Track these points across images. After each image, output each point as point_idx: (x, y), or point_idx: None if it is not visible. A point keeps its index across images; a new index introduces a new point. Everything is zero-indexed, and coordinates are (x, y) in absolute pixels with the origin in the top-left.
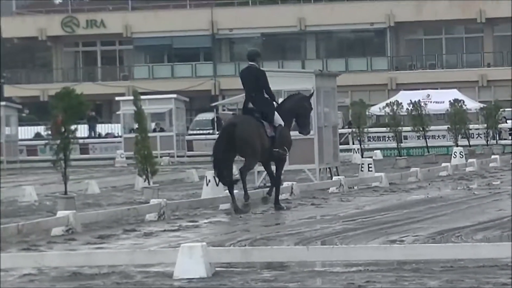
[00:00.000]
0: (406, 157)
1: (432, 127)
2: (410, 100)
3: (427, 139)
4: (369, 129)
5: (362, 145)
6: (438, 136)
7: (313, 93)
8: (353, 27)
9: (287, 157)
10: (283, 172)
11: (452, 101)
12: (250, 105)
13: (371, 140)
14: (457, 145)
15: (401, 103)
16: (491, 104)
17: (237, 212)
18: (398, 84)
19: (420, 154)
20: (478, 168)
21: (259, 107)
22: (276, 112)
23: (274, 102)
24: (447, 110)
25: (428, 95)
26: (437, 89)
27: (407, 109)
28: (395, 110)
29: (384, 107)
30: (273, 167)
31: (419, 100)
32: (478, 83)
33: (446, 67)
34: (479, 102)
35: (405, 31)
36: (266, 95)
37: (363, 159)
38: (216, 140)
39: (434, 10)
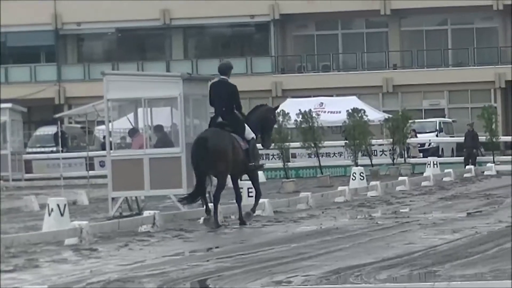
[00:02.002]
0: (294, 179)
1: (326, 143)
2: (300, 110)
3: (320, 158)
4: None
5: None
6: (334, 154)
7: (278, 106)
8: (230, 21)
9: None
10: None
11: (350, 110)
12: (220, 119)
13: None
14: (357, 165)
15: (288, 113)
16: (398, 114)
17: (209, 225)
18: (285, 90)
19: (311, 176)
20: (383, 192)
21: (230, 122)
22: (247, 126)
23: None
24: (345, 121)
25: (322, 104)
26: (332, 96)
27: (296, 120)
28: (281, 122)
29: None
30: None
31: (310, 109)
32: (382, 89)
33: (343, 69)
34: (384, 111)
35: (293, 25)
36: (235, 111)
37: (242, 182)
38: (192, 160)
39: (329, 0)
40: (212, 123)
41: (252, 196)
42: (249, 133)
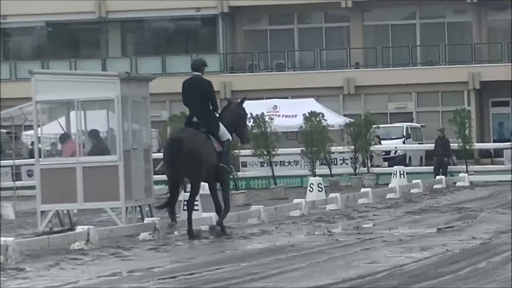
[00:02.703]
0: (244, 191)
1: (280, 150)
2: (251, 113)
3: (273, 167)
4: None
5: None
6: (289, 163)
7: (244, 97)
8: (173, 14)
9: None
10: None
11: (307, 114)
12: (194, 118)
13: None
14: (315, 175)
15: None
16: (360, 118)
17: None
18: (234, 91)
19: (264, 187)
20: (343, 205)
21: (204, 121)
22: (222, 126)
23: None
24: (301, 126)
25: (275, 107)
26: (287, 98)
27: (247, 125)
28: None
29: None
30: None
31: (262, 113)
32: (343, 90)
33: (299, 68)
34: (344, 115)
35: (244, 19)
36: (211, 107)
37: (186, 194)
38: (166, 162)
39: None
40: (187, 123)
41: (197, 210)
42: (225, 134)
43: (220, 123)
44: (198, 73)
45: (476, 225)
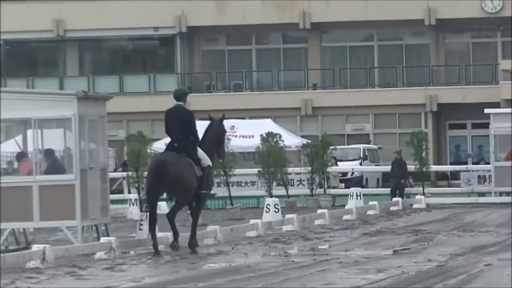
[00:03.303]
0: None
1: (237, 171)
2: None
3: (230, 187)
4: None
5: (141, 195)
6: (246, 183)
7: (223, 116)
8: (131, 33)
9: None
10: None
11: (264, 135)
12: (176, 144)
13: None
14: (271, 196)
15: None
16: (317, 139)
17: (156, 254)
18: (192, 111)
19: (220, 207)
20: (299, 226)
21: (185, 147)
22: (202, 152)
23: (196, 141)
24: (258, 147)
25: (233, 127)
26: (244, 118)
27: None
28: None
29: None
30: None
31: None
32: (301, 111)
33: (257, 88)
34: (302, 136)
35: (202, 39)
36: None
37: (143, 213)
38: (147, 180)
39: (241, 10)
40: (168, 149)
41: (141, 230)
42: (206, 160)
43: (200, 150)
44: (180, 103)
45: (432, 248)
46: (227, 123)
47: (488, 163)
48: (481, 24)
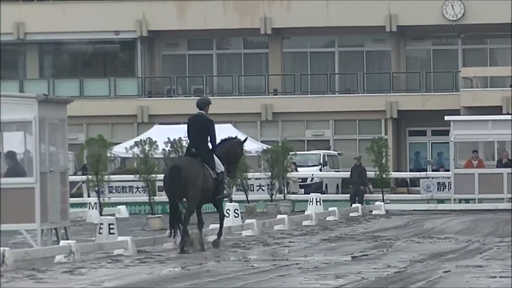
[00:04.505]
0: (161, 215)
1: None
2: (168, 138)
3: None
4: (111, 176)
5: (101, 198)
6: None
7: (246, 138)
8: (91, 37)
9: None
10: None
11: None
12: (193, 150)
13: (114, 191)
14: (231, 201)
15: (155, 141)
16: (277, 145)
17: (182, 252)
18: (152, 115)
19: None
20: (259, 232)
21: (202, 153)
22: (217, 158)
23: (212, 148)
24: None
25: None
26: None
27: (164, 149)
28: (147, 151)
29: (132, 147)
30: None
31: (180, 137)
32: (261, 116)
33: (217, 93)
34: (262, 142)
35: (163, 43)
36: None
37: (103, 217)
38: (166, 186)
39: (202, 15)
40: (186, 153)
41: (112, 234)
42: (220, 166)
43: (215, 157)
44: (202, 112)
45: (392, 254)
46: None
47: (448, 170)
48: (442, 31)
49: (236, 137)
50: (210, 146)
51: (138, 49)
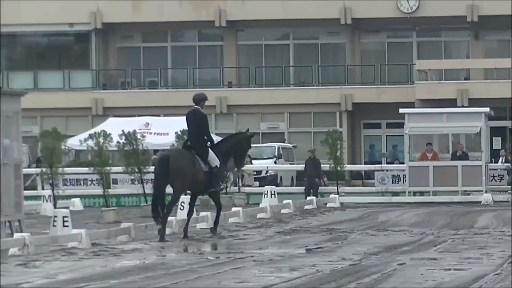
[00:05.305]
0: (115, 208)
1: (151, 168)
2: (123, 131)
3: (144, 184)
4: (66, 169)
5: (55, 191)
6: None
7: (253, 134)
8: (46, 29)
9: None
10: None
11: (179, 132)
12: (188, 143)
13: (68, 184)
14: (185, 193)
15: (110, 134)
16: None
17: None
18: (106, 108)
19: (135, 204)
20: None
21: (197, 146)
22: (212, 153)
23: (209, 143)
24: (173, 144)
25: (147, 124)
26: (159, 115)
27: (118, 142)
28: (101, 143)
29: (86, 139)
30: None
31: (134, 130)
32: (216, 109)
33: (172, 86)
34: (217, 134)
35: (117, 36)
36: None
37: (57, 210)
38: (155, 176)
39: (157, 8)
40: (183, 145)
41: (66, 226)
42: (214, 160)
43: (210, 150)
44: (197, 106)
45: (346, 247)
46: (142, 120)
47: (402, 163)
48: (396, 24)
49: (248, 130)
50: (208, 140)
51: (92, 41)
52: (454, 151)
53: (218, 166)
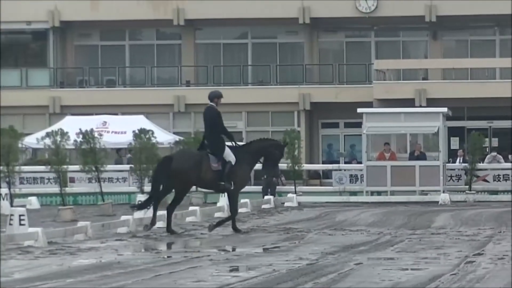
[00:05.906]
0: (72, 206)
1: (109, 167)
2: (80, 129)
3: (101, 183)
4: (23, 167)
5: (12, 189)
6: (117, 179)
7: (287, 143)
8: (3, 27)
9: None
10: (237, 201)
11: (137, 131)
12: (205, 141)
13: (25, 182)
14: (143, 192)
15: (67, 132)
16: (190, 136)
17: (146, 229)
18: (64, 106)
19: (91, 203)
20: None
21: (212, 143)
22: (228, 150)
23: (227, 137)
24: (131, 143)
25: (105, 123)
26: (117, 114)
27: (76, 141)
28: (58, 142)
29: (44, 138)
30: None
31: (92, 129)
32: (173, 108)
33: (130, 84)
34: (174, 133)
35: (75, 34)
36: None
37: (13, 208)
38: (153, 176)
39: (115, 6)
40: (200, 145)
41: (23, 225)
42: (229, 156)
43: (226, 147)
44: (212, 104)
45: (304, 246)
46: (99, 119)
47: (360, 163)
48: (355, 24)
49: (279, 140)
50: (225, 135)
51: (50, 39)
52: (412, 151)
53: (233, 162)
